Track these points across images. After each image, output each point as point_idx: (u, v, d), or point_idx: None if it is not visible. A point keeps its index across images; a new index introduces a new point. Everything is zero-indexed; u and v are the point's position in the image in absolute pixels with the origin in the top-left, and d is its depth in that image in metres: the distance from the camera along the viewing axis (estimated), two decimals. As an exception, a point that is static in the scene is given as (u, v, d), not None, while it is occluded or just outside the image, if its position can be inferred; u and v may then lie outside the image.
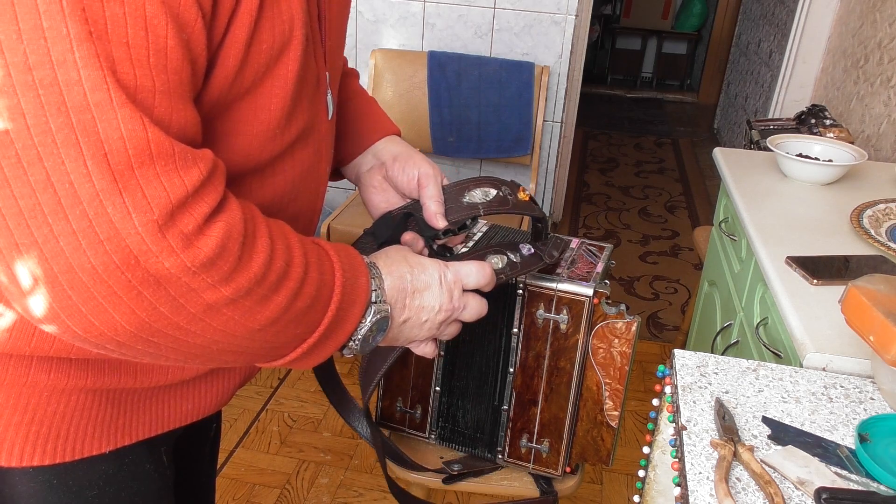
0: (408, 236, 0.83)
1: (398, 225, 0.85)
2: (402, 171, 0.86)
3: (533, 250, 0.88)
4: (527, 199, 0.85)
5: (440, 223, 0.81)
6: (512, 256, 0.85)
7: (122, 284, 0.49)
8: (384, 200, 0.89)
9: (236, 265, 0.54)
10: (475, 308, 0.77)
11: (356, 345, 0.67)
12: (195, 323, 0.54)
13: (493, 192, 0.84)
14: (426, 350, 0.78)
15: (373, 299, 0.67)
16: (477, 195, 0.83)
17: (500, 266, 0.83)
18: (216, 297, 0.53)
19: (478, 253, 0.84)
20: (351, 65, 2.92)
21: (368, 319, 0.67)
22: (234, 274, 0.54)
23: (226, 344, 0.57)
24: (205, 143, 0.57)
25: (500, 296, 0.96)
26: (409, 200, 0.87)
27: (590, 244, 1.02)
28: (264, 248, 0.56)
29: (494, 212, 0.83)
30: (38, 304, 0.50)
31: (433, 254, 0.82)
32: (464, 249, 0.95)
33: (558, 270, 0.95)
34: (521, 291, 0.95)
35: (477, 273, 0.76)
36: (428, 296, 0.72)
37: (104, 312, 0.50)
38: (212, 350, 0.57)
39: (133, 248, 0.49)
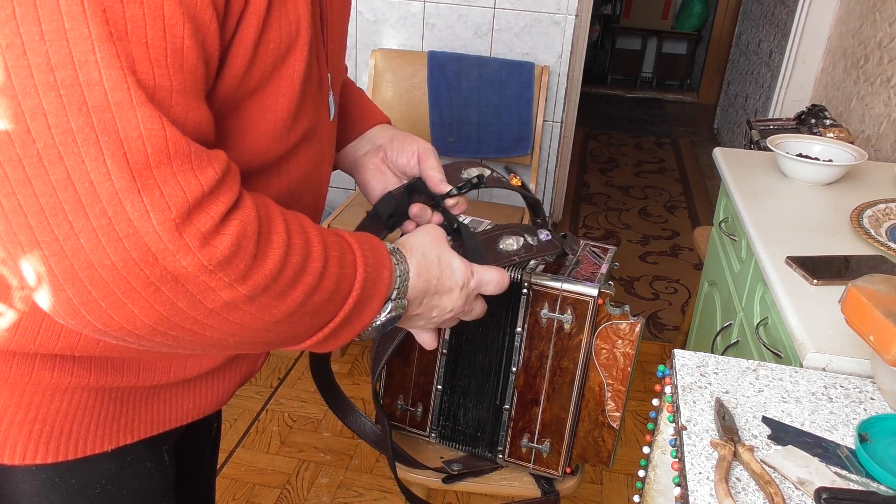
0: (415, 208, 0.85)
1: (400, 202, 0.86)
2: (401, 150, 0.88)
3: (550, 237, 0.88)
4: (518, 183, 0.87)
5: (445, 188, 0.84)
6: (529, 239, 0.86)
7: (140, 281, 0.50)
8: (381, 182, 0.90)
9: (252, 263, 0.54)
10: (479, 311, 0.79)
11: (367, 332, 0.68)
12: (212, 318, 0.54)
13: (488, 171, 0.88)
14: (426, 339, 0.79)
15: (392, 296, 0.68)
16: (473, 172, 0.87)
17: (516, 248, 0.85)
18: (233, 294, 0.54)
19: (494, 233, 0.85)
20: (351, 65, 2.92)
21: (384, 315, 0.67)
22: (250, 272, 0.54)
23: (242, 336, 0.58)
24: (214, 142, 0.58)
25: (504, 294, 0.96)
26: (405, 181, 0.88)
27: (594, 245, 1.03)
28: (280, 244, 0.57)
29: (492, 185, 0.87)
30: (59, 299, 0.51)
31: (445, 222, 0.84)
32: (484, 227, 0.96)
33: (563, 271, 0.96)
34: (525, 291, 0.95)
35: (497, 282, 0.78)
36: (447, 299, 0.74)
37: (123, 307, 0.51)
38: (229, 342, 0.58)
39: (151, 245, 0.50)
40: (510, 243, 0.84)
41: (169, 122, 0.50)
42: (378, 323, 0.68)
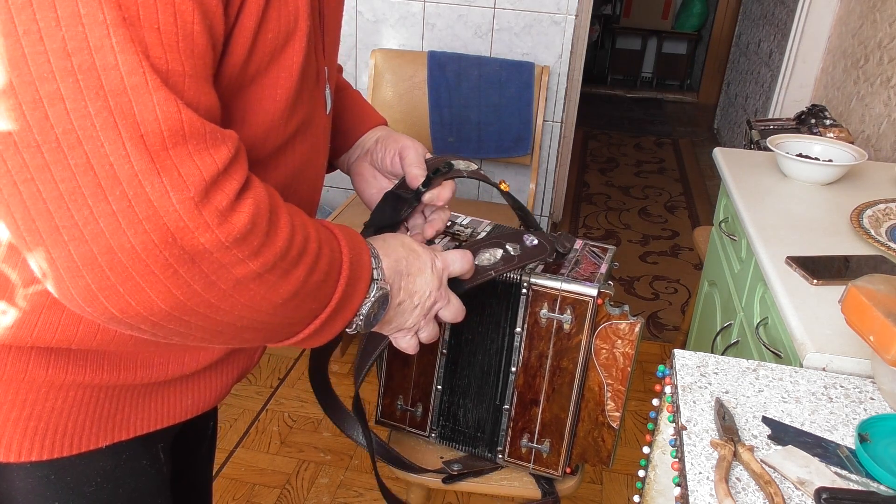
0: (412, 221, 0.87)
1: (387, 208, 0.87)
2: (384, 151, 0.89)
3: (537, 241, 0.88)
4: (507, 189, 0.88)
5: (420, 181, 0.84)
6: (511, 249, 0.86)
7: (159, 263, 0.51)
8: (375, 187, 0.91)
9: (264, 240, 0.56)
10: (455, 307, 0.79)
11: (360, 321, 0.69)
12: (225, 300, 0.55)
13: (475, 166, 0.88)
14: (410, 344, 0.79)
15: (374, 276, 0.69)
16: (460, 164, 0.88)
17: (493, 261, 0.84)
18: (245, 271, 0.55)
19: (472, 247, 0.85)
20: (351, 65, 2.92)
21: (372, 295, 0.68)
22: (263, 248, 0.56)
23: (249, 320, 0.59)
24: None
25: (503, 295, 0.96)
26: (396, 182, 0.89)
27: (593, 245, 1.03)
28: (287, 224, 0.58)
29: (475, 178, 0.87)
30: (77, 285, 0.51)
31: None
32: (483, 227, 0.96)
33: (562, 271, 0.96)
34: (525, 291, 0.95)
35: (461, 259, 0.79)
36: (420, 280, 0.74)
37: (141, 292, 0.52)
38: (236, 327, 0.59)
39: (171, 225, 0.50)
40: (487, 257, 0.85)
41: (184, 104, 0.50)
42: (367, 306, 0.68)
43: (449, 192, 0.86)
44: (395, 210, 0.86)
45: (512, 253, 0.86)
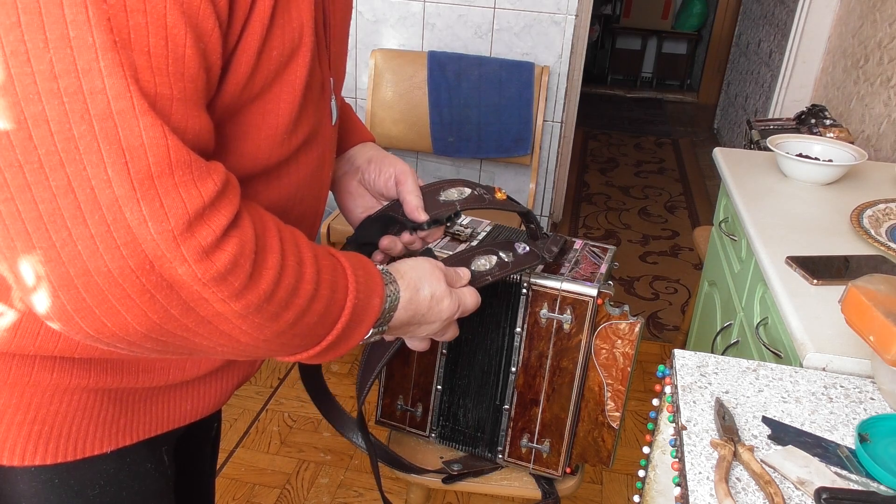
0: (385, 241, 0.86)
1: (375, 227, 0.87)
2: (378, 172, 0.88)
3: (528, 249, 0.89)
4: (504, 198, 0.87)
5: (421, 216, 0.83)
6: (504, 256, 0.86)
7: (136, 288, 0.50)
8: (360, 205, 0.91)
9: (247, 282, 0.55)
10: (451, 334, 0.81)
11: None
12: (203, 326, 0.55)
13: (468, 190, 0.87)
14: (417, 345, 0.81)
15: (378, 322, 0.69)
16: (452, 194, 0.86)
17: (488, 267, 0.85)
18: (226, 309, 0.54)
19: (465, 255, 0.85)
20: (351, 65, 2.92)
21: (366, 338, 0.69)
22: (245, 291, 0.55)
23: (231, 348, 0.58)
24: (215, 147, 0.58)
25: (503, 295, 0.96)
26: (384, 203, 0.88)
27: (593, 245, 1.03)
28: (274, 264, 0.57)
29: (471, 207, 0.86)
30: (53, 304, 0.51)
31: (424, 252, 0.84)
32: (461, 247, 0.96)
33: (562, 271, 0.96)
34: (525, 291, 0.95)
35: (474, 304, 0.80)
36: (426, 328, 0.76)
37: (117, 314, 0.51)
38: (217, 350, 0.58)
39: (149, 253, 0.50)
40: (482, 262, 0.85)
41: (171, 131, 0.50)
42: (364, 340, 0.69)
43: (439, 235, 0.88)
44: (385, 230, 0.86)
45: (506, 260, 0.86)
